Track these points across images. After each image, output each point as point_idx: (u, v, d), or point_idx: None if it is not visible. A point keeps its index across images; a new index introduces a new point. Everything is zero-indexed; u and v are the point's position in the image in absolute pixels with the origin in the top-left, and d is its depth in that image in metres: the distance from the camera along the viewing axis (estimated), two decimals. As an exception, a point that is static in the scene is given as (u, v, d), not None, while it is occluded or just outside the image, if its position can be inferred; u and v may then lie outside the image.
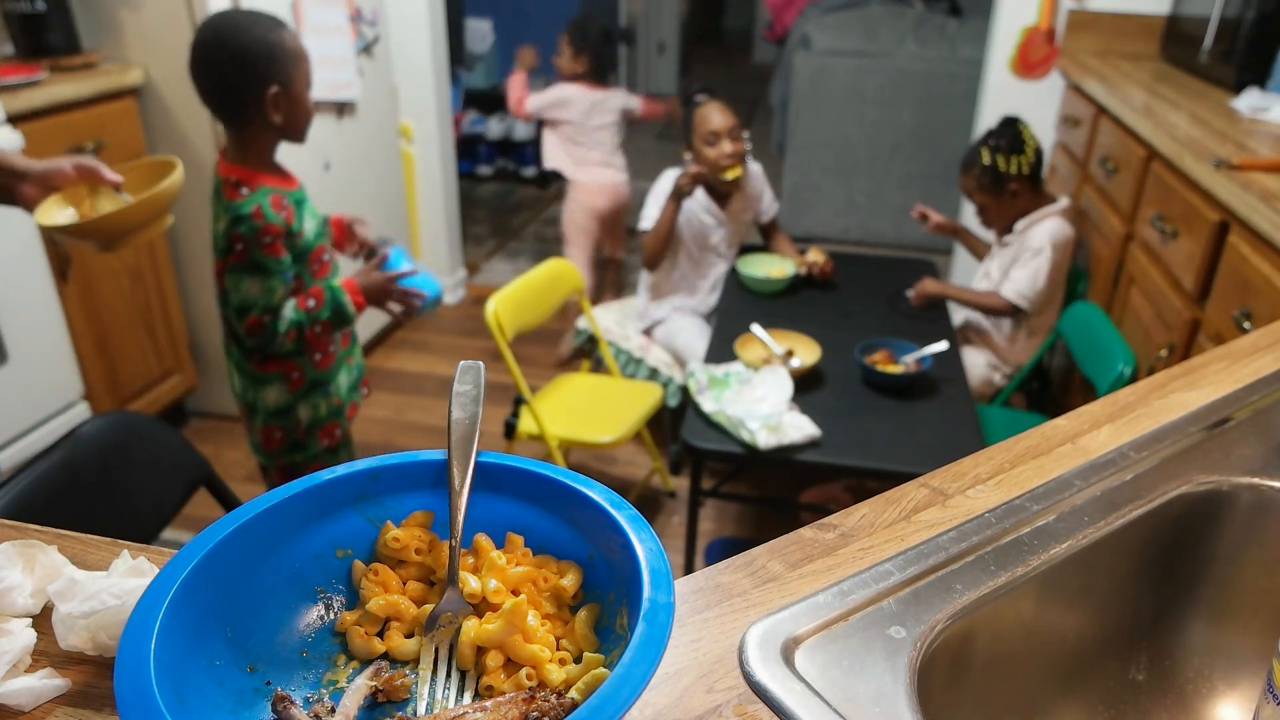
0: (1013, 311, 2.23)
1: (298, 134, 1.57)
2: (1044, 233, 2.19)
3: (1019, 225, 2.24)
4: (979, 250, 2.53)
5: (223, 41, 1.46)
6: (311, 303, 1.56)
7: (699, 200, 2.41)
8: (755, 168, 2.50)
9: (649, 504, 2.41)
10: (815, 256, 2.39)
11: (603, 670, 0.49)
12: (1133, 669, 0.68)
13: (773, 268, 2.39)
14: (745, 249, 2.57)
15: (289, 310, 1.55)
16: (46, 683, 0.52)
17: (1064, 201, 2.23)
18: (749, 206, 2.51)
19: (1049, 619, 0.61)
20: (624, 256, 3.46)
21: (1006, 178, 2.20)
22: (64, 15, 2.17)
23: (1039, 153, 2.22)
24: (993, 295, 2.25)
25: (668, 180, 2.41)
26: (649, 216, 2.40)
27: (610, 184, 3.11)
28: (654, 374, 2.39)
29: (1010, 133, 2.21)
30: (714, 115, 2.30)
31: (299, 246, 1.56)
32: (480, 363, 0.64)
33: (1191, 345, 1.72)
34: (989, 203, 2.27)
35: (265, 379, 1.64)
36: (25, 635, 0.54)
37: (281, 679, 0.52)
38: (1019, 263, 2.23)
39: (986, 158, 2.21)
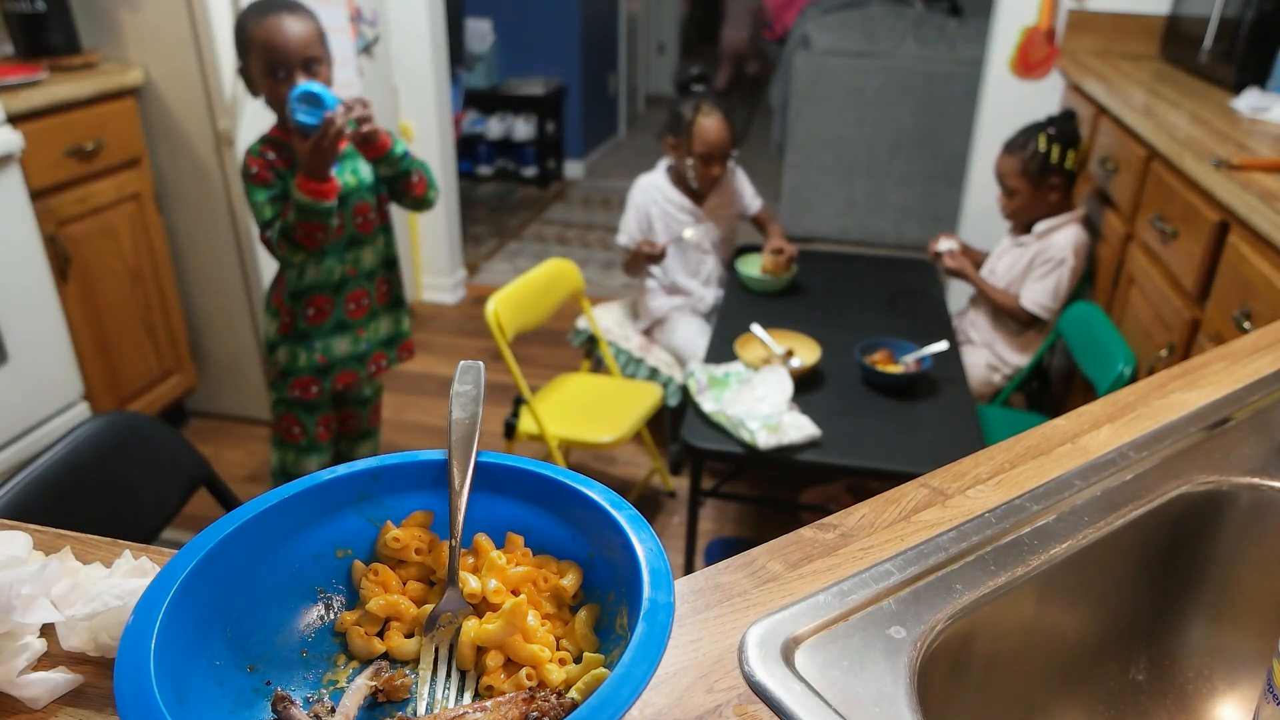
0: (1030, 321, 2.22)
1: (278, 112, 1.66)
2: (1066, 242, 2.18)
3: (1039, 227, 2.22)
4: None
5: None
6: (284, 212, 1.67)
7: (673, 200, 2.42)
8: (729, 164, 2.50)
9: (649, 504, 2.41)
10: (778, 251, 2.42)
11: (603, 670, 0.50)
12: (1133, 669, 0.68)
13: (767, 265, 2.40)
14: (744, 249, 2.58)
15: (277, 227, 1.67)
16: (61, 677, 0.52)
17: (1082, 209, 2.23)
18: (729, 203, 2.52)
19: (1049, 619, 0.61)
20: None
21: (1054, 170, 2.16)
22: (64, 15, 2.17)
23: (1088, 155, 2.20)
24: (1010, 298, 2.24)
25: (640, 191, 2.43)
26: (626, 231, 2.45)
27: None
28: (654, 374, 2.39)
29: (1069, 127, 2.17)
30: (714, 133, 2.30)
31: (289, 187, 1.64)
32: (480, 363, 0.64)
33: (1191, 345, 1.72)
34: (1025, 190, 2.21)
35: (271, 311, 1.82)
36: (36, 643, 0.55)
37: (281, 679, 0.52)
38: (1038, 271, 2.21)
39: (1043, 144, 2.15)
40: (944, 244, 2.16)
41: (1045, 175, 2.17)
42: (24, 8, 2.11)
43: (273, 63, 1.60)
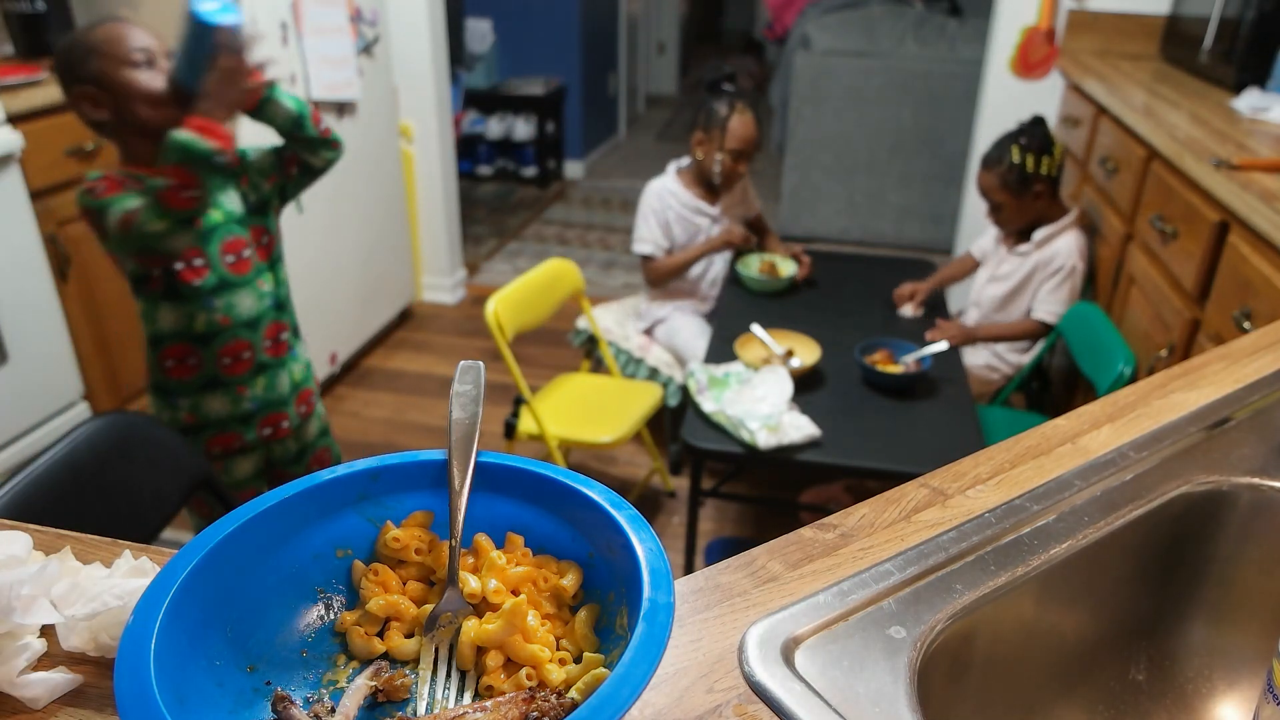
0: (1047, 330, 2.22)
1: (142, 120, 1.38)
2: (1070, 248, 2.17)
3: (1037, 235, 2.22)
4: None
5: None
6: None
7: (688, 202, 2.42)
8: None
9: (649, 504, 2.41)
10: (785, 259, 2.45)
11: (603, 670, 0.49)
12: (1133, 669, 0.68)
13: (766, 266, 2.40)
14: (741, 250, 2.58)
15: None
16: (61, 677, 0.52)
17: (1076, 211, 2.23)
18: (740, 202, 2.53)
19: (1049, 619, 0.61)
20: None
21: (1034, 178, 2.15)
22: (64, 15, 2.18)
23: (1064, 155, 2.20)
24: (1027, 323, 2.22)
25: (654, 197, 2.42)
26: (649, 240, 2.42)
27: None
28: (654, 374, 2.39)
29: (1040, 132, 2.16)
30: (746, 129, 2.32)
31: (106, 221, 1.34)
32: (480, 363, 0.64)
33: (1191, 345, 1.72)
34: (1009, 202, 2.21)
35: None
36: (36, 643, 0.55)
37: (281, 679, 0.52)
38: (1050, 283, 2.19)
39: (1016, 156, 2.15)
40: (935, 348, 2.03)
41: (1026, 185, 2.17)
42: (24, 8, 2.11)
43: (130, 49, 1.37)
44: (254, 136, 1.60)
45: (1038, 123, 2.19)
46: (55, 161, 2.06)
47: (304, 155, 1.55)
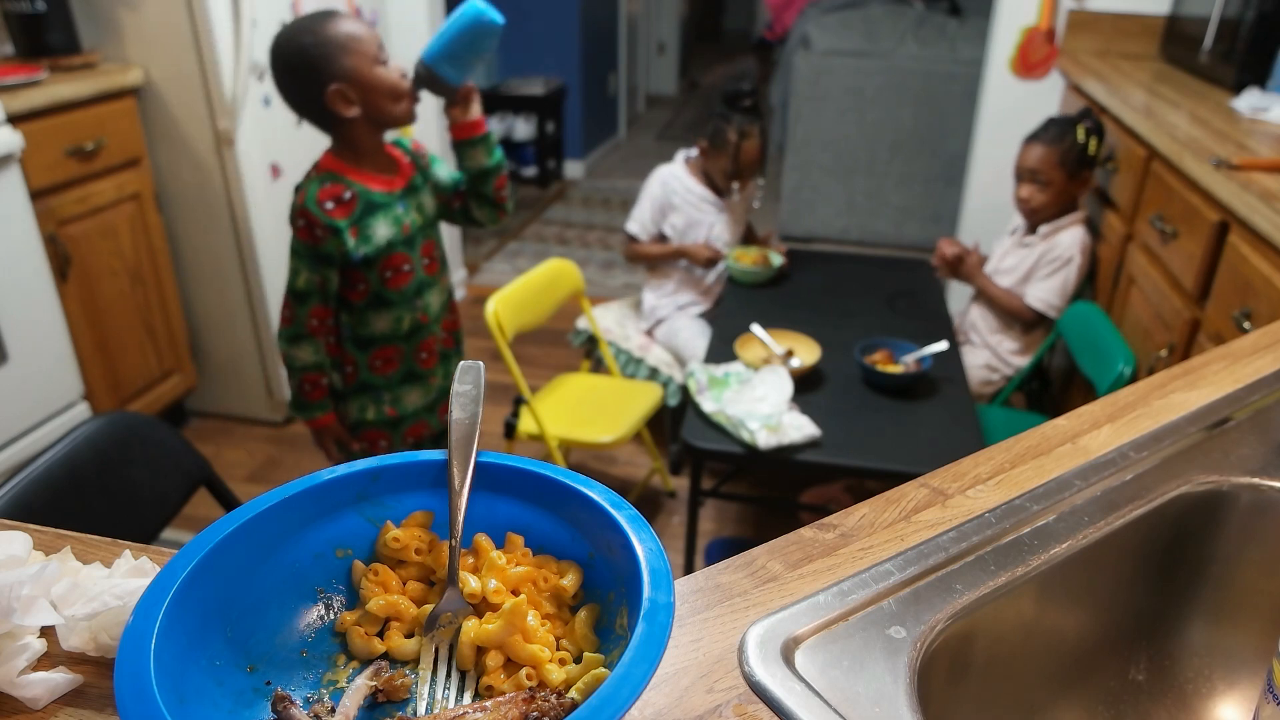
0: (1037, 320, 2.22)
1: (386, 115, 1.48)
2: (1072, 241, 2.17)
3: (1044, 228, 2.22)
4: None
5: (280, 60, 1.46)
6: (316, 358, 1.55)
7: (695, 191, 2.44)
8: None
9: (649, 504, 2.41)
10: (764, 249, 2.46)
11: (603, 670, 0.49)
12: (1133, 669, 0.68)
13: (758, 257, 2.41)
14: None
15: (308, 350, 1.55)
16: (61, 677, 0.52)
17: (1083, 210, 2.24)
18: (746, 197, 2.54)
19: (1049, 619, 0.61)
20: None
21: (1088, 162, 2.14)
22: (64, 15, 2.17)
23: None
24: (1015, 299, 2.24)
25: (659, 183, 2.45)
26: (638, 220, 2.47)
27: None
28: (654, 374, 2.39)
29: (1097, 120, 2.16)
30: (755, 154, 2.37)
31: (346, 247, 1.48)
32: (480, 363, 0.64)
33: (1191, 345, 1.72)
34: (1059, 182, 2.16)
35: (333, 361, 1.64)
36: (36, 643, 0.55)
37: (281, 679, 0.52)
38: (1043, 271, 2.21)
39: (1081, 136, 2.13)
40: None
41: (1080, 167, 2.16)
42: (24, 8, 2.11)
43: (376, 46, 1.44)
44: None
45: (1090, 112, 2.20)
46: (55, 161, 2.06)
47: (472, 204, 1.65)
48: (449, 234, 3.46)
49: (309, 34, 1.43)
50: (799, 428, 1.68)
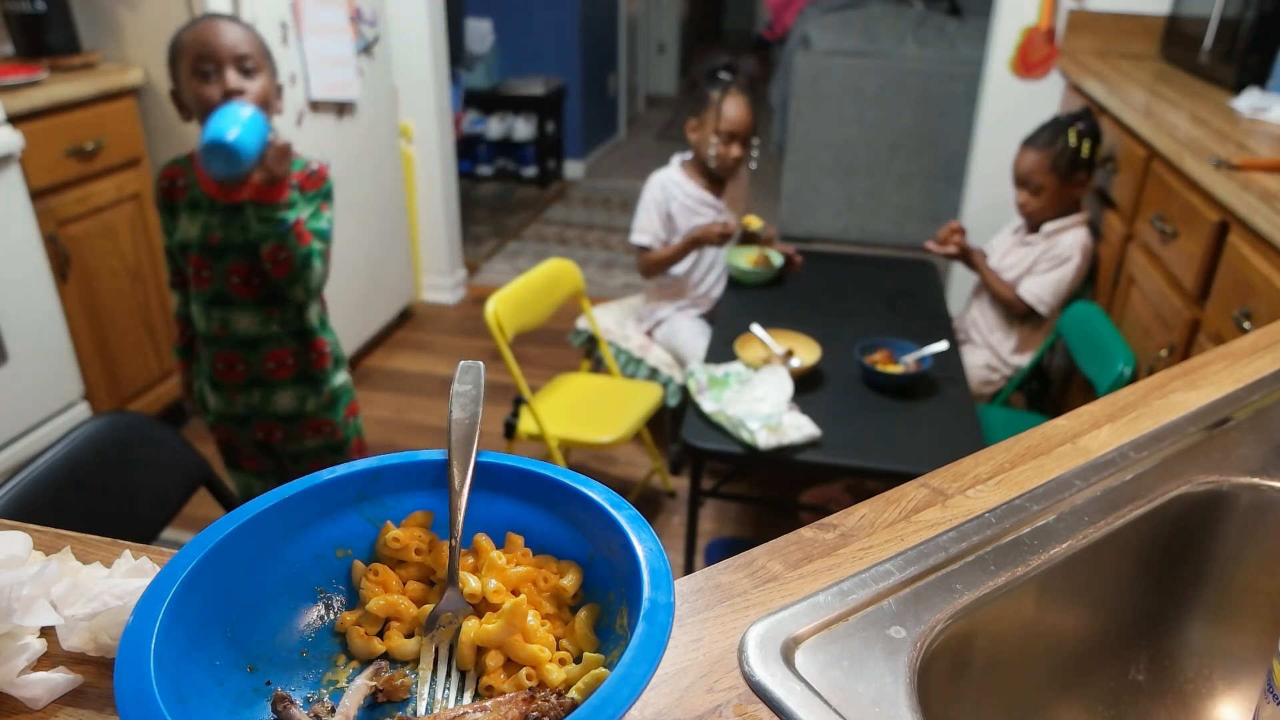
0: (1028, 313, 2.22)
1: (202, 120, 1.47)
2: (1074, 241, 2.18)
3: (1046, 228, 2.22)
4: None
5: None
6: (179, 311, 1.69)
7: (692, 194, 2.42)
8: (750, 152, 2.51)
9: (649, 504, 2.41)
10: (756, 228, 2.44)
11: (603, 670, 0.49)
12: (1133, 669, 0.68)
13: (757, 257, 2.40)
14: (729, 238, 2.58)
15: (174, 299, 1.68)
16: (61, 677, 0.52)
17: (1086, 211, 2.24)
18: (741, 195, 2.53)
19: (1049, 619, 0.61)
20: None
21: (1083, 165, 2.14)
22: (64, 15, 2.17)
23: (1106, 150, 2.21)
24: (1008, 287, 2.24)
25: (657, 188, 2.42)
26: (647, 230, 2.42)
27: None
28: (654, 374, 2.39)
29: (1092, 121, 2.15)
30: (737, 111, 2.30)
31: (163, 223, 1.62)
32: (480, 363, 0.64)
33: (1191, 345, 1.72)
34: (1052, 186, 2.17)
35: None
36: (36, 643, 0.55)
37: (281, 679, 0.52)
38: (1040, 267, 2.21)
39: (1073, 139, 2.13)
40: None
41: (1074, 170, 2.16)
42: (24, 8, 2.11)
43: (201, 57, 1.45)
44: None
45: (1088, 112, 2.19)
46: (55, 161, 2.06)
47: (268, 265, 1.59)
48: (449, 234, 3.46)
49: (177, 33, 1.52)
50: (799, 428, 1.68)
